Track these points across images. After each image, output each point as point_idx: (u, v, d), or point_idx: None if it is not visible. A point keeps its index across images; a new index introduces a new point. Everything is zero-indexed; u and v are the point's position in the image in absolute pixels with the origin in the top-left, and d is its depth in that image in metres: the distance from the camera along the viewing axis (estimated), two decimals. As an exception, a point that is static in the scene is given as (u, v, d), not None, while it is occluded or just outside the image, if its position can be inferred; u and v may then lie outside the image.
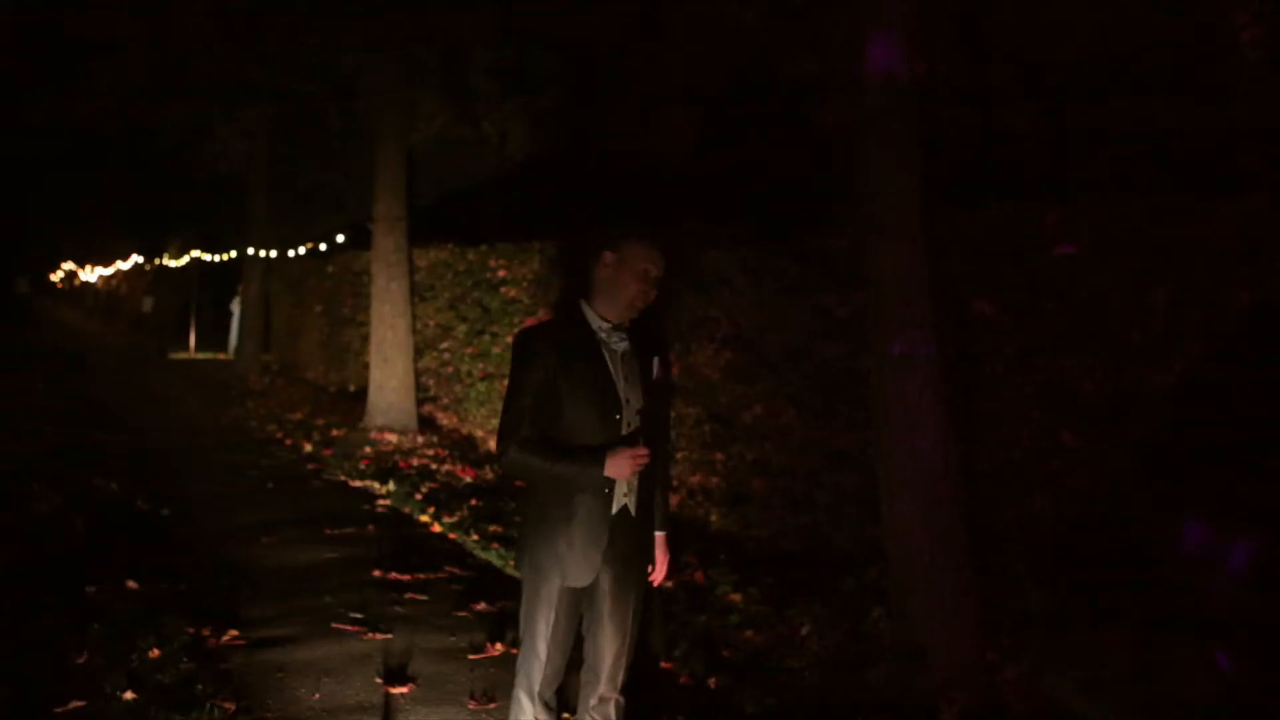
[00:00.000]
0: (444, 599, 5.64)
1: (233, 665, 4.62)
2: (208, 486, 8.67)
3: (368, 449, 10.26)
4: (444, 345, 11.41)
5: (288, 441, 11.14)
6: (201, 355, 22.75)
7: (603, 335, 2.99)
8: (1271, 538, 3.96)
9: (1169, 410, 4.33)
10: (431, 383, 11.74)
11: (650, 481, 3.08)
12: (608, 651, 3.07)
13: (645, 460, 2.90)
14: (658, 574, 3.18)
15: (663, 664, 4.72)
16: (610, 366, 2.97)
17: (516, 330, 3.82)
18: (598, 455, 2.88)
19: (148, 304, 30.90)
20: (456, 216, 13.59)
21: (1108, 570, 4.41)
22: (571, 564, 2.96)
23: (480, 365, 10.54)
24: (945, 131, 5.89)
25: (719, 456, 6.77)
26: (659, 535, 3.18)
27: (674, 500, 6.85)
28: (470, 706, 4.24)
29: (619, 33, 10.37)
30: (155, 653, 4.57)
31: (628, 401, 2.97)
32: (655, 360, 3.06)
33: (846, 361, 5.79)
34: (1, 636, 4.79)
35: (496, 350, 10.13)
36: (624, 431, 2.96)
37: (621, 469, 2.88)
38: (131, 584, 5.55)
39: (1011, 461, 4.91)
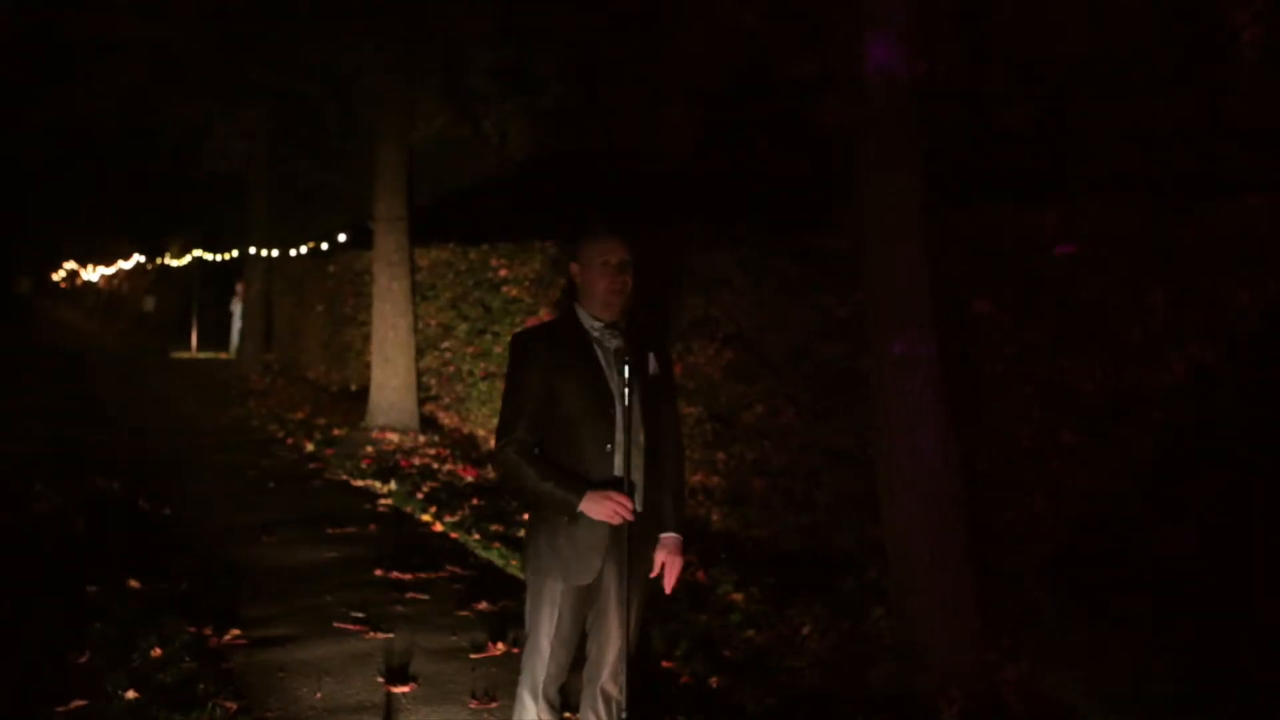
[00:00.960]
0: (445, 598, 5.65)
1: (234, 665, 4.63)
2: (209, 486, 8.69)
3: (369, 448, 10.27)
4: (445, 344, 11.42)
5: (289, 441, 11.15)
6: (203, 355, 22.77)
7: (596, 334, 3.05)
8: (1272, 538, 3.96)
9: (1169, 410, 4.33)
10: (433, 382, 11.74)
11: (656, 479, 3.08)
12: (611, 649, 3.08)
13: (627, 514, 2.89)
14: (667, 580, 3.12)
15: (664, 663, 4.73)
16: (603, 364, 3.02)
17: (512, 332, 3.87)
18: (581, 488, 2.91)
19: (149, 303, 30.97)
20: (457, 216, 13.59)
21: (1108, 570, 4.42)
22: (572, 562, 2.98)
23: (482, 364, 10.54)
24: (945, 131, 5.89)
25: (720, 456, 6.78)
26: (670, 537, 3.11)
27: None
28: (472, 706, 4.25)
29: (619, 33, 10.36)
30: (157, 652, 4.58)
31: (622, 397, 2.99)
32: (651, 356, 3.10)
33: (846, 361, 5.80)
34: (2, 636, 4.80)
35: (498, 350, 10.14)
36: (619, 426, 2.97)
37: (598, 510, 2.89)
38: (133, 583, 5.56)
39: (1011, 461, 4.91)
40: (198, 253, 24.32)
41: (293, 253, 17.89)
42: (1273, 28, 5.50)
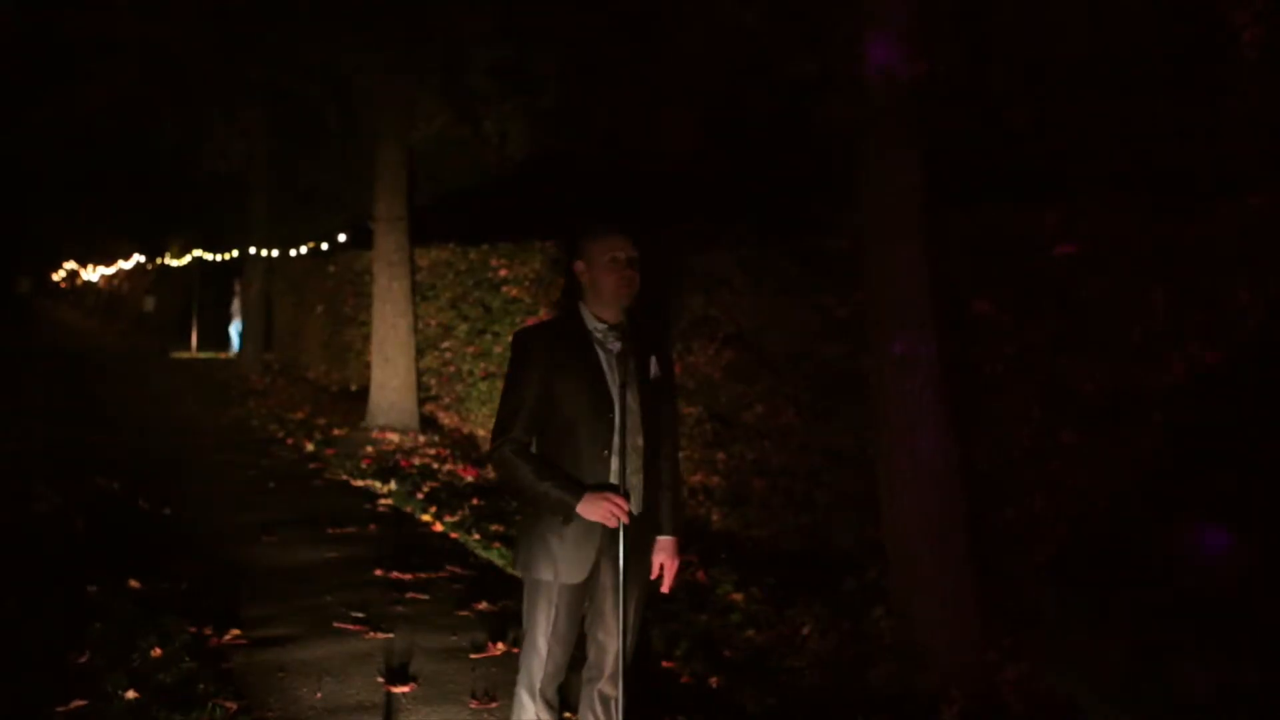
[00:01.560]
0: (445, 598, 5.65)
1: (234, 664, 4.63)
2: (209, 486, 8.69)
3: (369, 448, 10.27)
4: (445, 344, 11.42)
5: (289, 441, 11.15)
6: (203, 355, 22.77)
7: (598, 335, 3.04)
8: (1272, 537, 3.96)
9: (1169, 410, 4.33)
10: (433, 382, 11.74)
11: (655, 481, 3.08)
12: (609, 648, 3.08)
13: (622, 515, 2.90)
14: (665, 581, 3.15)
15: (664, 663, 4.73)
16: (604, 366, 3.01)
17: (514, 330, 3.87)
18: (579, 490, 2.91)
19: (149, 303, 30.97)
20: (457, 216, 13.59)
21: (1108, 570, 4.41)
22: (564, 560, 2.98)
23: (482, 364, 10.54)
24: (945, 131, 5.88)
25: (720, 456, 6.78)
26: (666, 539, 3.13)
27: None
28: (472, 706, 4.25)
29: (619, 33, 10.35)
30: (157, 652, 4.58)
31: (622, 401, 2.98)
32: (653, 359, 3.09)
33: (846, 361, 5.80)
34: (2, 636, 4.80)
35: (498, 350, 10.14)
36: (617, 431, 2.98)
37: (595, 511, 2.90)
38: (133, 583, 5.56)
39: (1011, 461, 4.91)
40: (198, 253, 24.32)
41: (293, 253, 17.89)
42: (1273, 28, 5.49)
